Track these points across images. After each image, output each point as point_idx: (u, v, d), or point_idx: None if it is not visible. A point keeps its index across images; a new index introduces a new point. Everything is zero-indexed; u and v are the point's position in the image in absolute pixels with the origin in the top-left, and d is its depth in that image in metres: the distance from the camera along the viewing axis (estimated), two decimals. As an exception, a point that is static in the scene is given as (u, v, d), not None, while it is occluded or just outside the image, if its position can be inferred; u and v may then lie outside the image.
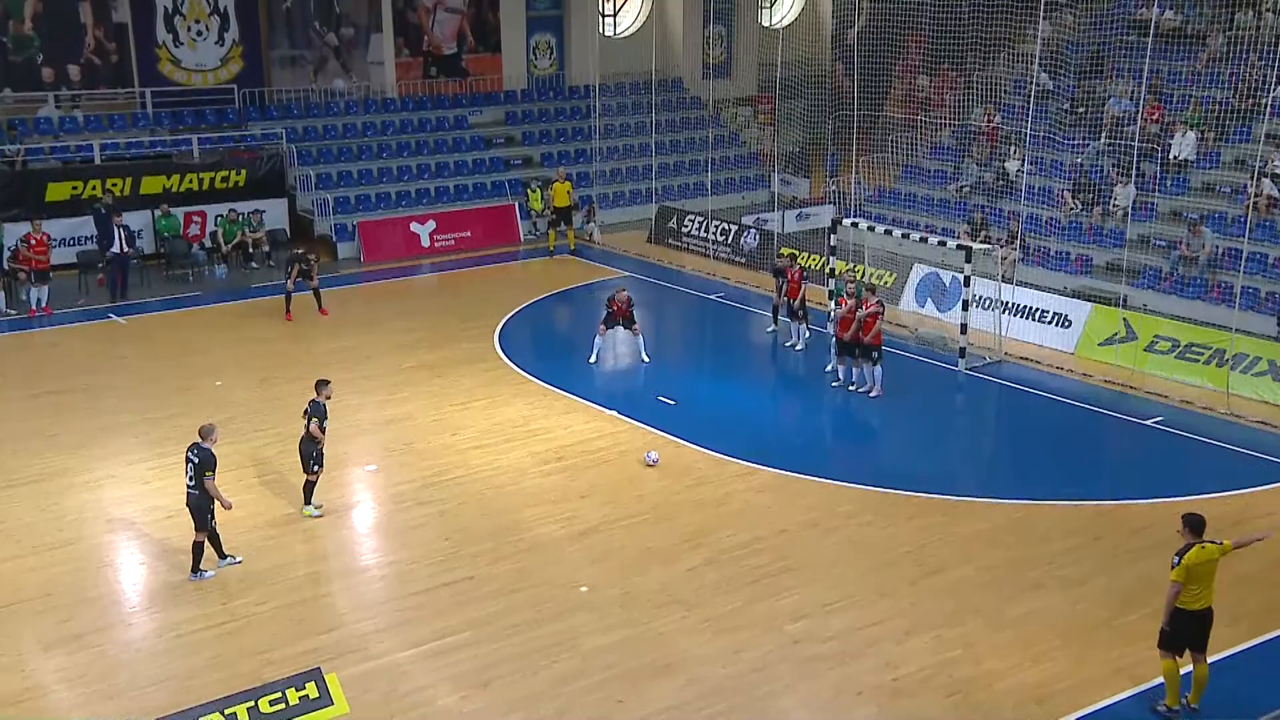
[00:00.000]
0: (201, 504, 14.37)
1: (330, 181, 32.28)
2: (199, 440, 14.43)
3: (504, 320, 25.32)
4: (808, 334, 23.01)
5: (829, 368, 21.50)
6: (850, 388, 20.87)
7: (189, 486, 14.43)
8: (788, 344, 23.15)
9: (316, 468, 15.91)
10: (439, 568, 14.88)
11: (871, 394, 20.56)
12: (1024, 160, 27.66)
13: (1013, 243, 26.31)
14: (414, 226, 31.57)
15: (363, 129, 34.09)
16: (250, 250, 29.63)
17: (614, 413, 19.82)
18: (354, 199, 32.18)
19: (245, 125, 32.59)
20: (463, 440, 18.87)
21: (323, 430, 15.83)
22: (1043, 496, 16.82)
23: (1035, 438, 19.33)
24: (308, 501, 16.14)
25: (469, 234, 32.08)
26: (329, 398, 16.13)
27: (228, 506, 14.73)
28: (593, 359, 22.19)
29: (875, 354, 20.47)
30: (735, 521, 16.07)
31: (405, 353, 23.14)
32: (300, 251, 25.63)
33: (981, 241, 25.53)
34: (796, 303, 23.07)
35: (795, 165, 34.97)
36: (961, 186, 29.96)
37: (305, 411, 15.99)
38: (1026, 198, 26.89)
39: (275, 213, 30.63)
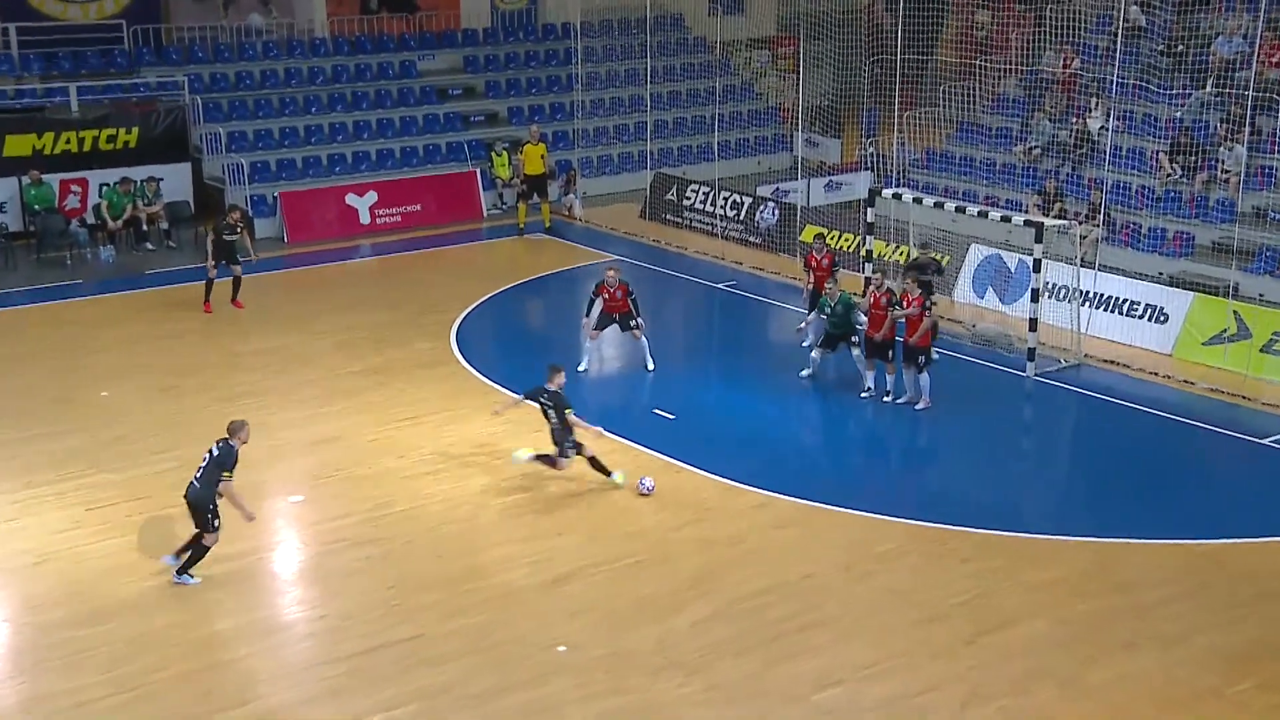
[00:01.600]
0: (203, 500, 15.17)
1: (245, 142, 32.29)
2: (226, 437, 15.49)
3: (463, 315, 25.33)
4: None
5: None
6: (886, 398, 20.91)
7: (195, 479, 15.30)
8: (803, 344, 23.10)
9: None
10: (380, 624, 14.84)
11: (918, 406, 20.61)
12: (1109, 115, 27.71)
13: (1094, 218, 26.38)
14: (350, 199, 31.61)
15: (285, 77, 34.11)
16: (145, 227, 29.63)
17: (599, 430, 19.78)
18: (275, 164, 32.18)
19: (137, 71, 32.61)
20: (411, 464, 18.85)
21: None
22: (1132, 534, 16.83)
23: (1122, 460, 19.34)
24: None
25: (419, 208, 32.12)
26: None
27: (249, 518, 15.37)
28: (583, 368, 22.19)
29: (922, 358, 20.52)
30: (749, 564, 16.06)
31: (340, 356, 23.14)
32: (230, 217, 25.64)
33: (1056, 217, 25.60)
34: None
35: (824, 123, 35.03)
36: (1031, 148, 30.02)
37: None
38: (1112, 162, 26.95)
39: (176, 181, 30.65)
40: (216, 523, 15.41)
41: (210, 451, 15.48)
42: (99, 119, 30.44)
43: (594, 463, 18.15)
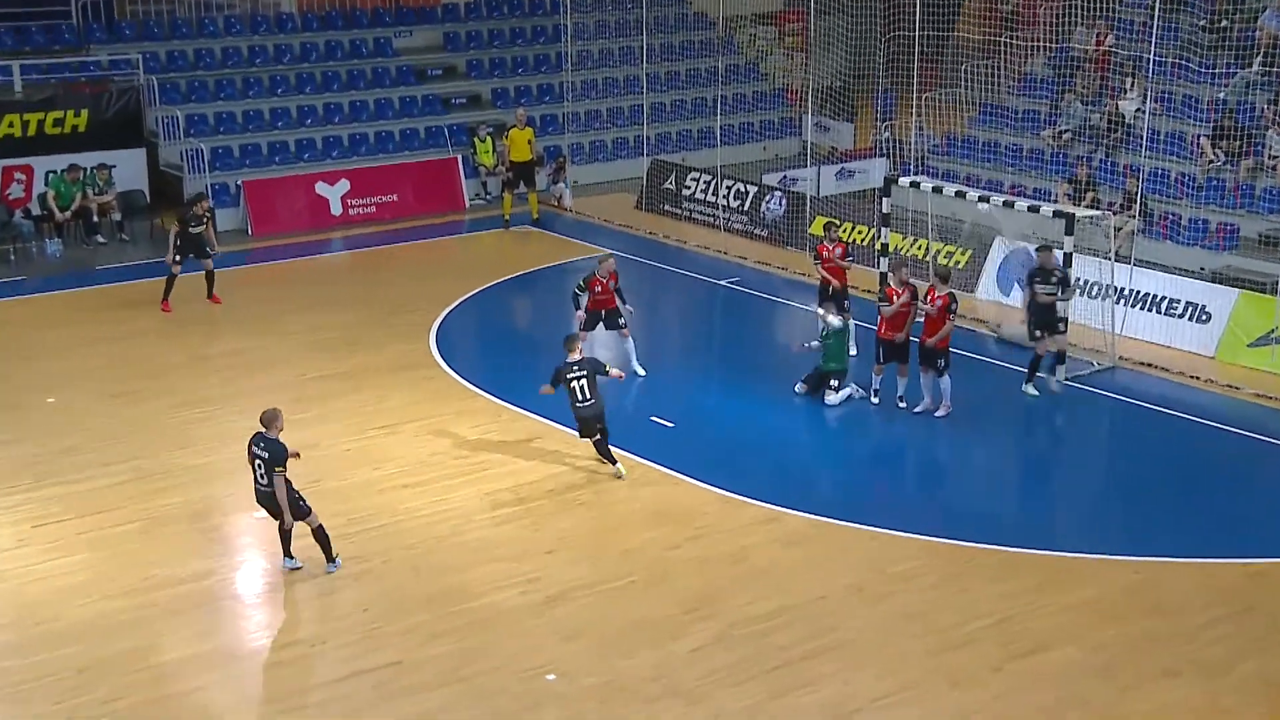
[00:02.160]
0: (277, 497, 15.95)
1: (205, 126, 32.27)
2: (262, 430, 15.89)
3: (443, 314, 25.34)
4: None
5: (799, 388, 21.43)
6: (900, 404, 20.89)
7: (260, 485, 15.93)
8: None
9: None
10: (355, 649, 14.83)
11: (937, 413, 20.60)
12: (1146, 96, 27.72)
13: (1130, 208, 26.40)
14: (321, 188, 31.61)
15: (250, 55, 34.10)
16: (95, 219, 29.59)
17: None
18: (238, 150, 32.17)
19: (87, 49, 32.57)
20: (389, 476, 18.86)
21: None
22: (1173, 552, 16.83)
23: (1161, 471, 19.36)
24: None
25: (395, 198, 32.12)
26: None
27: (298, 515, 15.90)
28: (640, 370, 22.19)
29: (941, 361, 20.51)
30: (754, 585, 16.05)
31: (310, 358, 23.12)
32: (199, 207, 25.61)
33: (1088, 207, 25.60)
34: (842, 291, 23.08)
35: (835, 105, 35.06)
36: (1060, 132, 30.04)
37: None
38: (1149, 147, 26.97)
39: (130, 168, 30.62)
40: (305, 504, 16.10)
41: (257, 455, 15.87)
42: (45, 100, 30.38)
43: (600, 445, 18.47)
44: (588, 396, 18.54)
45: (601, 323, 22.25)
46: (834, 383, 21.05)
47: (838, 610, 15.53)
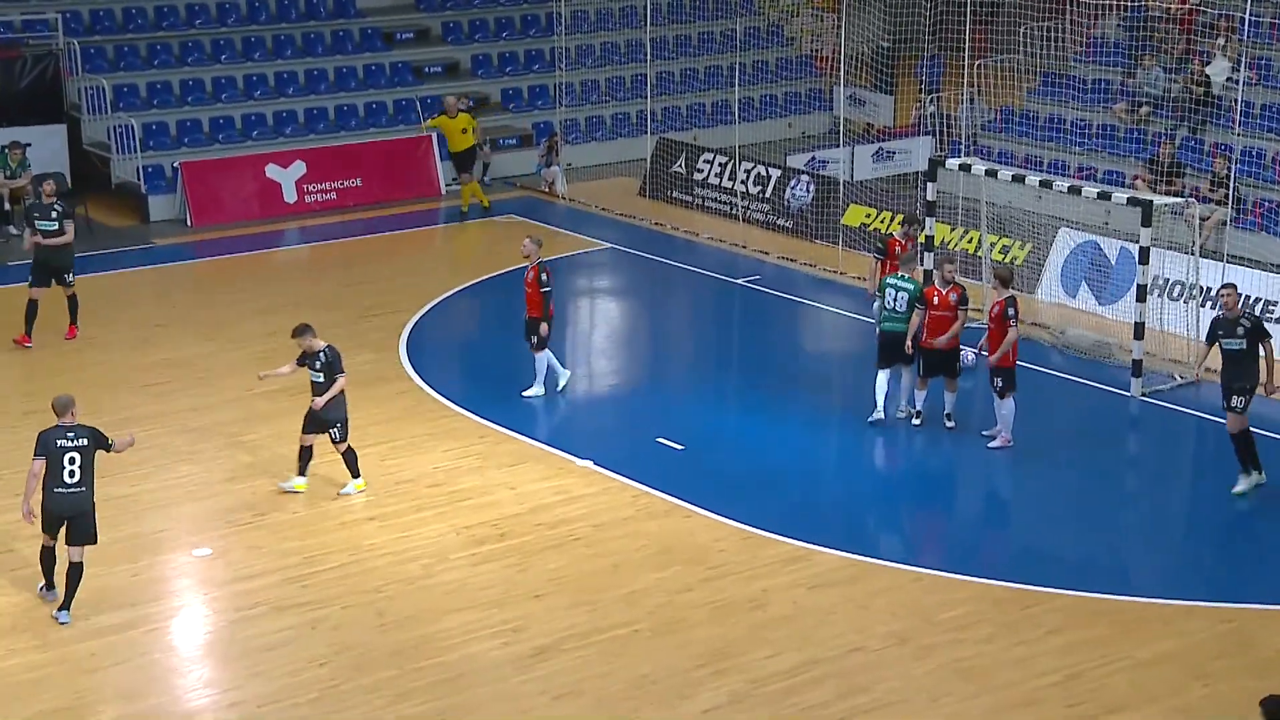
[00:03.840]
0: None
1: (136, 99, 32.28)
2: (60, 423, 16.16)
3: (415, 318, 25.34)
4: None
5: (874, 417, 21.21)
6: (949, 424, 20.85)
7: (69, 486, 16.01)
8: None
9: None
10: (311, 709, 14.78)
11: (993, 444, 20.45)
12: (1238, 63, 27.70)
13: (1218, 194, 26.37)
14: (272, 170, 31.60)
15: (188, 15, 34.04)
16: (7, 206, 29.57)
17: (588, 463, 19.78)
18: (175, 126, 32.17)
19: (-3, 7, 32.59)
20: (349, 508, 18.82)
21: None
22: (1270, 598, 16.77)
23: (1255, 504, 19.26)
24: (355, 474, 19.07)
25: (359, 182, 32.12)
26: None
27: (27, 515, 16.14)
28: (531, 391, 21.99)
29: (999, 381, 20.27)
30: (778, 635, 16.01)
31: (262, 370, 23.02)
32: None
33: (1169, 194, 25.58)
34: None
35: (872, 75, 35.06)
36: (1137, 104, 30.03)
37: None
38: (1242, 123, 26.92)
39: (47, 146, 30.57)
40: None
41: (63, 446, 15.99)
42: (-53, 69, 30.51)
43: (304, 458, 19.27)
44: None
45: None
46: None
47: (875, 665, 15.47)
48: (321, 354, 18.87)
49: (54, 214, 23.88)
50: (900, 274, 21.12)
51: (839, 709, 14.72)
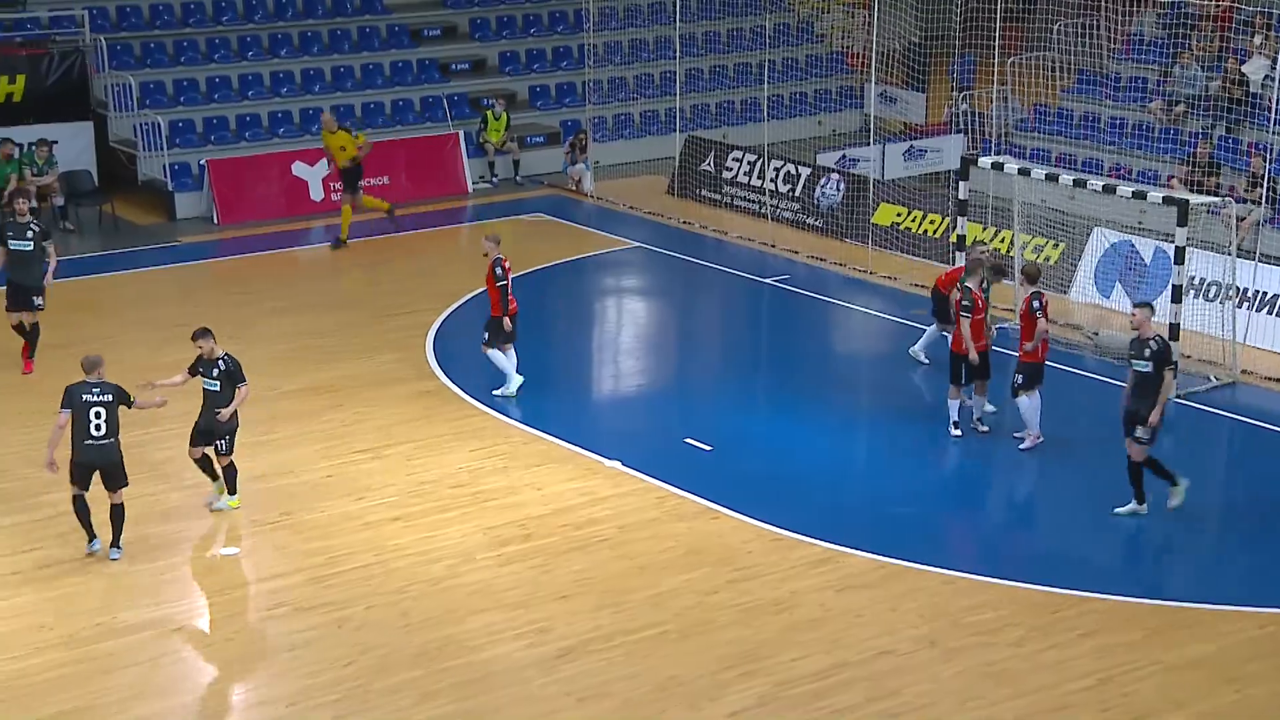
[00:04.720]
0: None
1: (163, 96, 32.36)
2: (86, 379, 17.03)
3: (441, 318, 25.36)
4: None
5: (956, 432, 21.06)
6: (983, 429, 20.79)
7: (95, 439, 16.94)
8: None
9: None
10: (335, 710, 14.77)
11: (1024, 445, 20.38)
12: (1275, 61, 27.55)
13: (1255, 192, 26.24)
14: (299, 168, 31.66)
15: (215, 12, 34.18)
16: (34, 204, 29.55)
17: (616, 464, 19.78)
18: (201, 124, 32.23)
19: (23, 4, 32.63)
20: (373, 508, 18.82)
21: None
22: (1304, 601, 16.77)
23: (1290, 506, 19.28)
24: (231, 491, 18.63)
25: (386, 180, 32.12)
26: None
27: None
28: (501, 391, 21.91)
29: (1019, 379, 20.20)
30: (806, 637, 15.98)
31: (284, 369, 23.11)
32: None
33: (1206, 193, 25.47)
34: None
35: (904, 72, 35.00)
36: (1173, 102, 29.90)
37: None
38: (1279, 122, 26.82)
39: (74, 144, 30.71)
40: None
41: (89, 400, 16.96)
42: (-26, 65, 30.57)
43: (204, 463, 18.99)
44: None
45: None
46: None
47: (905, 668, 15.42)
48: (220, 361, 18.42)
49: (29, 234, 22.80)
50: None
51: (868, 712, 14.68)
